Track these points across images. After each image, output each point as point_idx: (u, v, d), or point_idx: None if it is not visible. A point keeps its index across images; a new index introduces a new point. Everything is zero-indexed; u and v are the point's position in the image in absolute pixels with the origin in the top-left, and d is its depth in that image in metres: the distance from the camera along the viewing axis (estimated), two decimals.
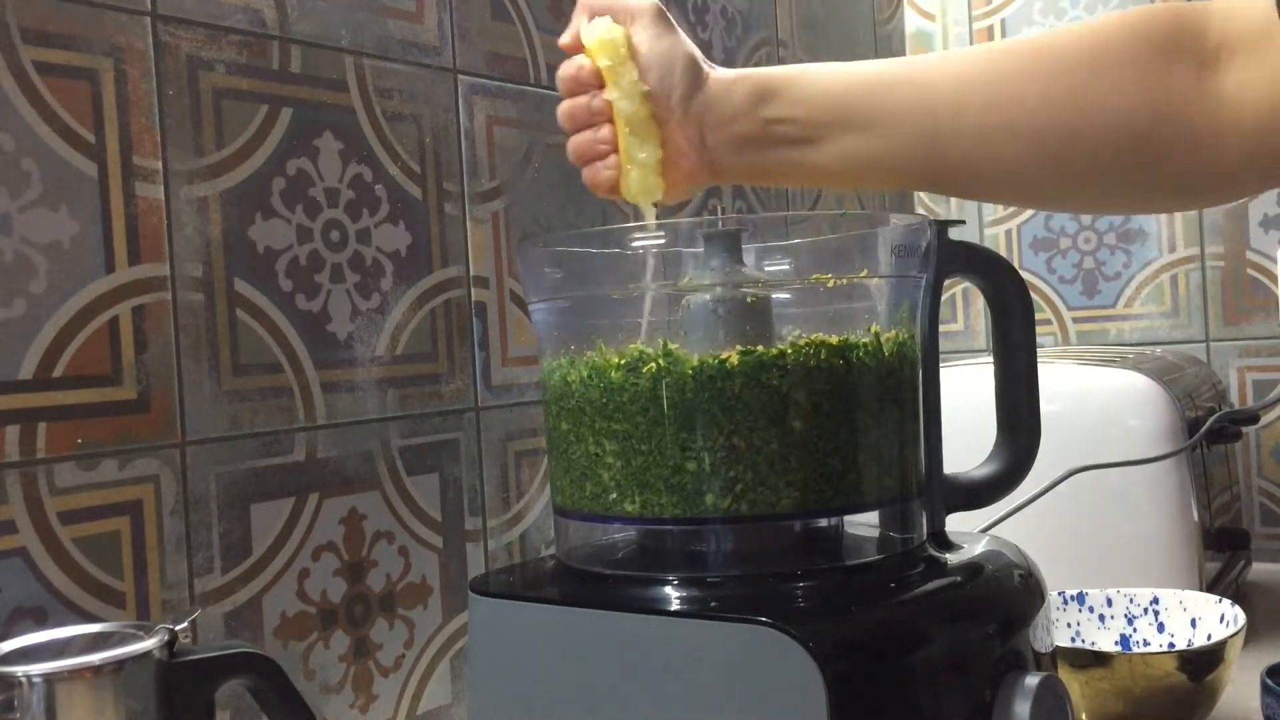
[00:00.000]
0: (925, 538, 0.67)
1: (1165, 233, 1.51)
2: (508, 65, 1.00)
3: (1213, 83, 0.61)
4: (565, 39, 0.72)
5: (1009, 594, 0.64)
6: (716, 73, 0.71)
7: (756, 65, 0.94)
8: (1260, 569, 1.34)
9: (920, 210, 1.70)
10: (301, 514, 0.82)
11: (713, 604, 0.59)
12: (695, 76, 0.70)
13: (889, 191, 1.59)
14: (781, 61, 1.38)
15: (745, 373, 0.60)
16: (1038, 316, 1.14)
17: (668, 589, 0.61)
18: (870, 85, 0.68)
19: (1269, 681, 0.76)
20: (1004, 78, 0.65)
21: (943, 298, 0.74)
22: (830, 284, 0.65)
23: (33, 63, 0.69)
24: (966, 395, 0.81)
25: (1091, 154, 0.63)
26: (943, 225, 0.69)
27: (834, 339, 0.62)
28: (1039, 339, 0.84)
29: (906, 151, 0.68)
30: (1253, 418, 1.16)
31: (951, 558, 0.66)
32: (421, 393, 0.91)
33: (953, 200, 1.67)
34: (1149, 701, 0.83)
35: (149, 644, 0.58)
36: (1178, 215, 1.50)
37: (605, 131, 0.70)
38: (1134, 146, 0.62)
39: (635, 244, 0.71)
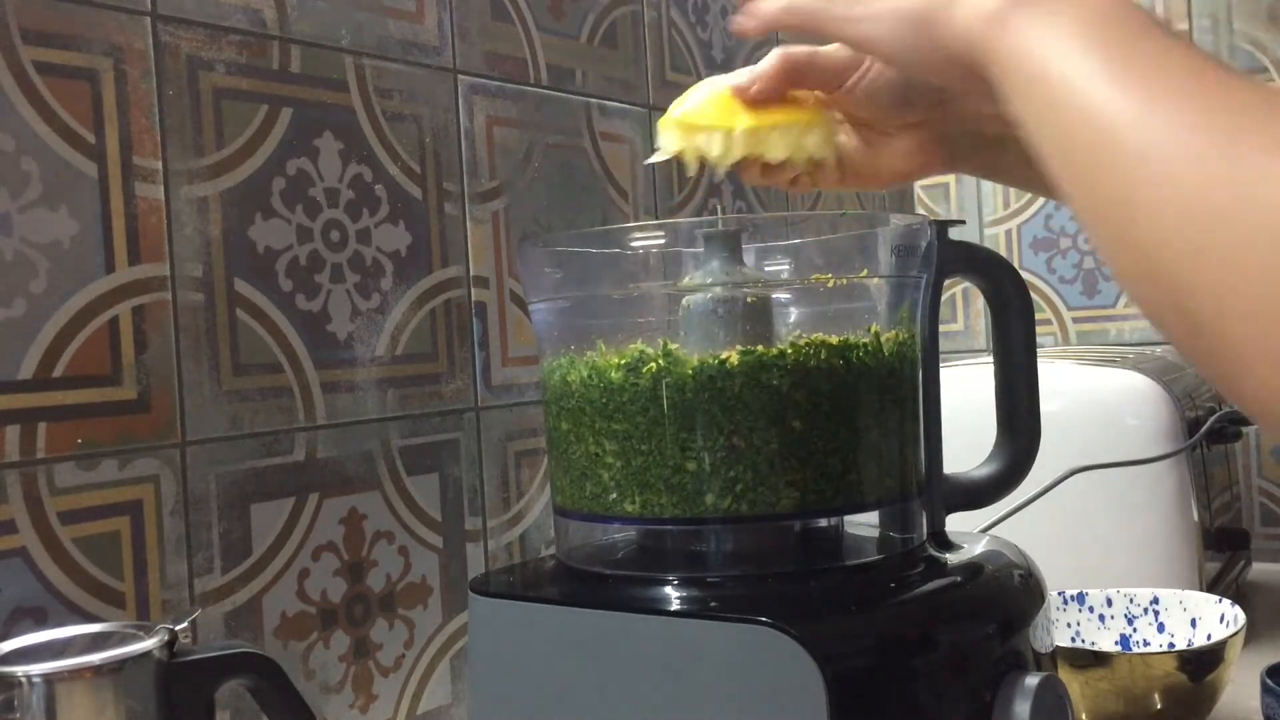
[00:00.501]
0: (925, 538, 0.67)
1: None
2: (508, 65, 1.00)
3: None
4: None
5: (1009, 594, 0.64)
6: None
7: None
8: (1260, 569, 1.34)
9: (920, 210, 1.70)
10: (301, 514, 0.82)
11: (713, 604, 0.59)
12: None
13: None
14: None
15: (745, 373, 0.60)
16: (1038, 316, 1.14)
17: (668, 589, 0.61)
18: None
19: (1269, 681, 0.76)
20: None
21: (943, 298, 0.73)
22: (830, 284, 0.65)
23: (33, 63, 0.69)
24: (966, 395, 0.81)
25: None
26: (943, 225, 0.69)
27: (834, 339, 0.62)
28: (1039, 339, 0.84)
29: None
30: None
31: (951, 558, 0.66)
32: (421, 393, 0.91)
33: (953, 200, 1.67)
34: (1149, 701, 0.83)
35: (149, 644, 0.58)
36: None
37: None
38: None
39: (635, 244, 0.71)
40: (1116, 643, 0.96)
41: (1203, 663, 0.83)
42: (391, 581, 0.88)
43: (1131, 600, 0.97)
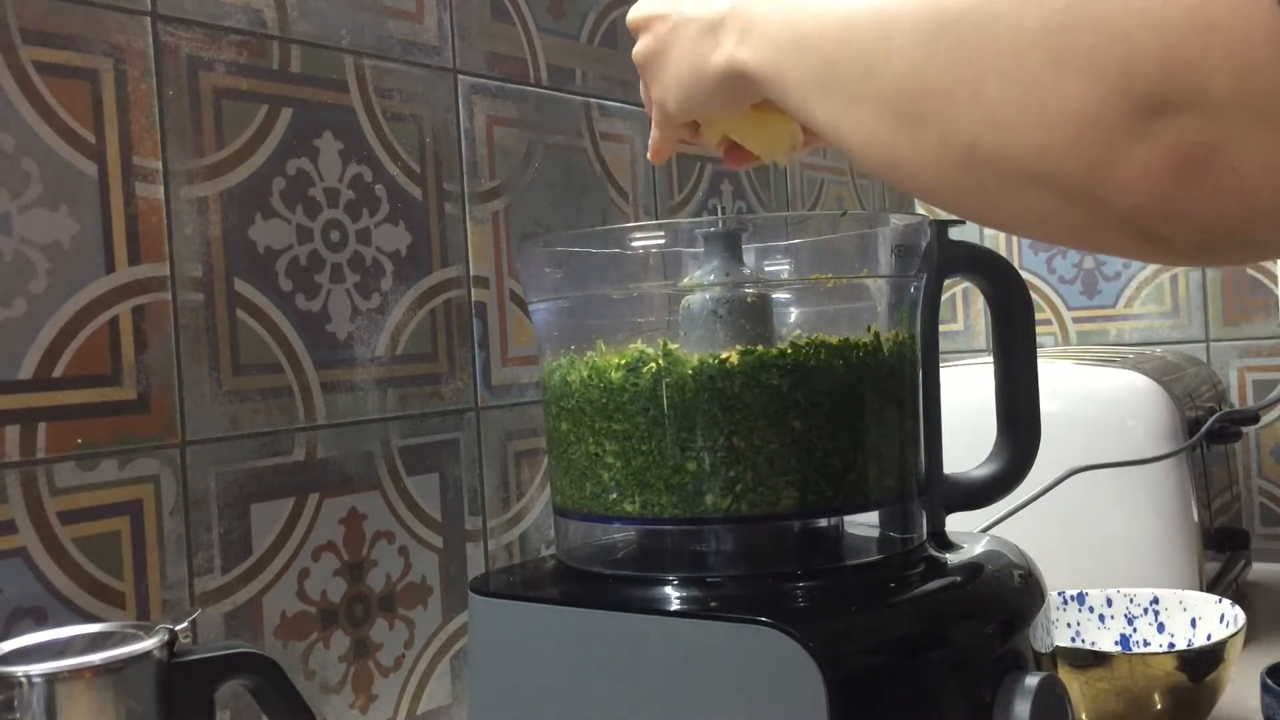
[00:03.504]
0: (925, 538, 0.67)
1: None
2: (508, 65, 1.00)
3: None
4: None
5: (1009, 594, 0.64)
6: None
7: None
8: (1260, 569, 1.34)
9: (920, 210, 1.70)
10: (301, 514, 0.82)
11: (713, 604, 0.59)
12: None
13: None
14: None
15: (745, 373, 0.60)
16: (1038, 316, 1.14)
17: (668, 589, 0.61)
18: None
19: (1269, 681, 0.76)
20: None
21: (943, 298, 0.74)
22: (830, 284, 0.65)
23: (33, 63, 0.69)
24: (966, 395, 0.81)
25: None
26: (943, 225, 0.69)
27: (834, 339, 0.62)
28: (1039, 339, 0.84)
29: None
30: (1253, 418, 1.15)
31: (951, 558, 0.66)
32: (421, 393, 0.91)
33: None
34: (1149, 701, 0.83)
35: (149, 644, 0.58)
36: None
37: None
38: None
39: (635, 244, 0.71)
40: (1116, 643, 0.96)
41: (1203, 663, 0.83)
42: (391, 581, 0.88)
43: (1131, 600, 0.97)
